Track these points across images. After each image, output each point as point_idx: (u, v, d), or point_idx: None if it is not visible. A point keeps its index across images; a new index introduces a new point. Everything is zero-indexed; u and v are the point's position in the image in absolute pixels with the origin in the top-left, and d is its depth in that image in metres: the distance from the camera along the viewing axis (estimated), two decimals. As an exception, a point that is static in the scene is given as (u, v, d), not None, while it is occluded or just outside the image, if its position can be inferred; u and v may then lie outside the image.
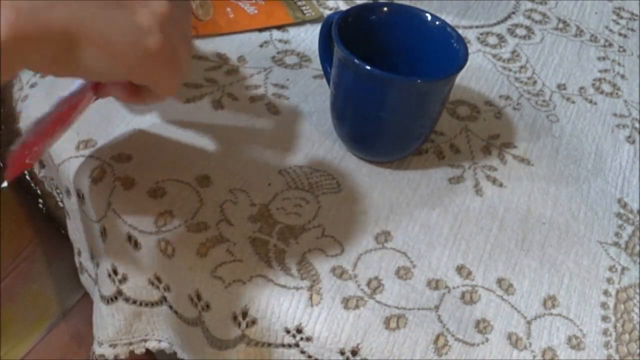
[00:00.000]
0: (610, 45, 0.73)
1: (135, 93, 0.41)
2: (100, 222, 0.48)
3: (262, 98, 0.57)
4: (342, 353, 0.43)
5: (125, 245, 0.47)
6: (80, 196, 0.49)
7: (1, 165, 0.66)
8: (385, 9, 0.53)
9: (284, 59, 0.61)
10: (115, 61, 0.35)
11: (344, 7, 0.69)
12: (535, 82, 0.65)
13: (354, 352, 0.43)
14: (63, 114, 0.43)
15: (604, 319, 0.47)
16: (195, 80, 0.57)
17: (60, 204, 0.57)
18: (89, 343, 0.54)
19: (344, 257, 0.46)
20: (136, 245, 0.46)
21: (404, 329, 0.43)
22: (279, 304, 0.43)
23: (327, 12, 0.68)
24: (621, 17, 0.79)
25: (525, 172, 0.56)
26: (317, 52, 0.55)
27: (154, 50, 0.36)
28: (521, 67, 0.67)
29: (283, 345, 0.44)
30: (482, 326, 0.45)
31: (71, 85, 0.43)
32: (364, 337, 0.43)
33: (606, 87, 0.67)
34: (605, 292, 0.49)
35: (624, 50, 0.73)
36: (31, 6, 0.32)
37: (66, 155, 0.50)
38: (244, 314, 0.44)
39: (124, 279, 0.48)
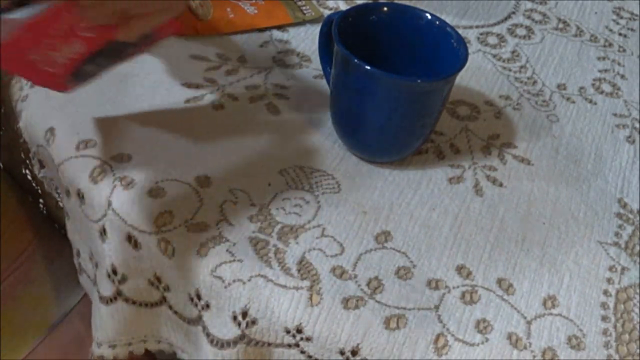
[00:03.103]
0: (610, 45, 0.73)
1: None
2: (100, 222, 0.48)
3: (262, 98, 0.57)
4: (342, 353, 0.43)
5: (125, 245, 0.47)
6: (80, 196, 0.49)
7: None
8: (385, 9, 0.53)
9: (284, 59, 0.61)
10: None
11: (344, 7, 0.69)
12: (535, 82, 0.65)
13: (354, 352, 0.43)
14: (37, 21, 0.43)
15: (604, 319, 0.47)
16: (195, 80, 0.57)
17: (61, 204, 0.57)
18: (89, 344, 0.53)
19: (344, 257, 0.46)
20: (136, 245, 0.46)
21: (404, 329, 0.43)
22: (279, 304, 0.43)
23: (327, 12, 0.68)
24: (621, 17, 0.79)
25: (525, 172, 0.56)
26: (317, 52, 0.55)
27: None
28: (521, 67, 0.67)
29: (283, 345, 0.44)
30: (482, 326, 0.45)
31: None
32: (364, 337, 0.43)
33: (606, 87, 0.67)
34: (605, 292, 0.48)
35: (624, 50, 0.73)
36: None
37: (66, 155, 0.50)
38: (244, 314, 0.44)
39: (123, 279, 0.48)
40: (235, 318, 0.44)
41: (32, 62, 0.44)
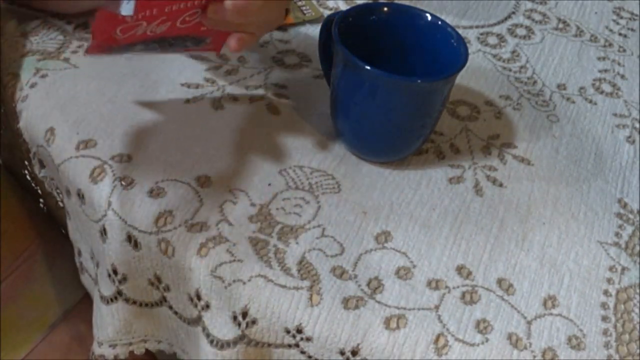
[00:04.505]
0: (610, 45, 0.73)
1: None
2: (100, 222, 0.48)
3: (262, 98, 0.57)
4: (342, 353, 0.43)
5: (125, 245, 0.47)
6: (80, 196, 0.49)
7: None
8: (385, 9, 0.53)
9: (284, 59, 0.61)
10: None
11: (344, 7, 0.69)
12: (535, 82, 0.65)
13: (354, 352, 0.43)
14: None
15: (604, 319, 0.47)
16: (195, 80, 0.57)
17: (61, 204, 0.57)
18: (90, 343, 0.54)
19: (344, 257, 0.46)
20: (136, 245, 0.46)
21: (404, 329, 0.43)
22: (279, 304, 0.44)
23: (327, 12, 0.68)
24: (621, 17, 0.79)
25: (525, 172, 0.56)
26: (317, 52, 0.55)
27: None
28: (521, 67, 0.67)
29: (283, 346, 0.44)
30: (482, 326, 0.45)
31: None
32: (364, 337, 0.43)
33: (606, 87, 0.67)
34: (605, 292, 0.49)
35: (624, 50, 0.73)
36: None
37: (66, 155, 0.50)
38: (244, 314, 0.44)
39: (124, 279, 0.48)
40: (235, 318, 0.44)
41: (114, 19, 0.41)
